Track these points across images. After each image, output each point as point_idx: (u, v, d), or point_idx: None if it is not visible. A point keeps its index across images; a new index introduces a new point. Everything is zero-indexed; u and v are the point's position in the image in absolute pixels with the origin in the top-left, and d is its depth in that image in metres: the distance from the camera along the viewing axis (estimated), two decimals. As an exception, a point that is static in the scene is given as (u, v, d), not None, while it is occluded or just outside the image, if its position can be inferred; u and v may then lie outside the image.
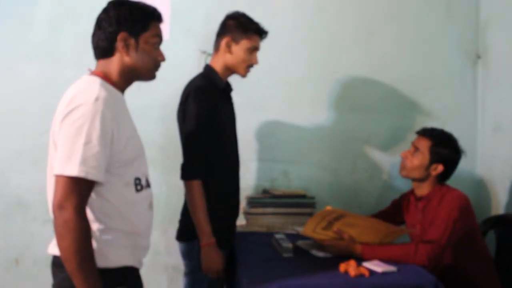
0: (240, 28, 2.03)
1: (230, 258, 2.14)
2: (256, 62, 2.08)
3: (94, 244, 1.35)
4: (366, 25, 2.73)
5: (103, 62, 1.50)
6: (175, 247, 2.22)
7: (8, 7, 2.61)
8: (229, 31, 2.05)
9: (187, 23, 2.66)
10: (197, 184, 1.93)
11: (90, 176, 1.30)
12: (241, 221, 2.50)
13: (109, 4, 1.50)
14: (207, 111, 1.95)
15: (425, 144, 2.10)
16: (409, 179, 2.17)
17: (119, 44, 1.46)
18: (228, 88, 2.18)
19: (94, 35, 1.51)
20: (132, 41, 1.47)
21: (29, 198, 2.60)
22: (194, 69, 2.35)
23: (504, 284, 2.13)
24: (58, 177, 1.30)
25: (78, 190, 1.29)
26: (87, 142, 1.30)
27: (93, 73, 1.49)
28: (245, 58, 2.04)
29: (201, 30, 2.63)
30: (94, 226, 1.38)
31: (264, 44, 2.20)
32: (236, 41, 2.03)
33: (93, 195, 1.36)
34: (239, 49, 2.03)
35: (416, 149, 2.12)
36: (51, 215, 1.39)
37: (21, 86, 2.62)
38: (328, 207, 1.92)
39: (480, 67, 2.76)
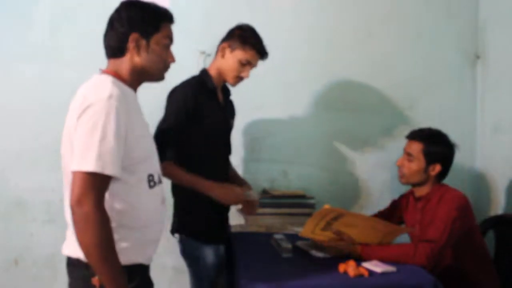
0: (240, 38, 2.08)
1: (229, 258, 2.15)
2: (246, 76, 2.12)
3: None
4: (366, 26, 2.73)
5: (114, 61, 1.51)
6: (174, 247, 2.23)
7: (8, 7, 2.61)
8: (230, 38, 2.10)
9: (186, 23, 2.64)
10: (169, 164, 1.97)
11: (107, 171, 1.32)
12: (240, 221, 2.50)
13: (121, 4, 1.52)
14: (183, 104, 2.02)
15: (417, 148, 2.10)
16: (411, 185, 2.17)
17: (131, 45, 1.47)
18: (225, 92, 2.24)
19: (106, 35, 1.52)
20: (143, 42, 1.48)
21: (28, 198, 2.60)
22: (193, 69, 2.35)
23: (503, 283, 2.13)
24: (75, 173, 1.31)
25: (96, 184, 1.31)
26: (102, 138, 1.32)
27: (104, 71, 1.50)
28: (234, 67, 2.09)
29: (200, 30, 2.63)
30: None
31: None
32: (231, 48, 2.09)
33: (108, 193, 1.37)
34: (231, 57, 2.08)
35: (409, 154, 2.11)
36: (67, 213, 1.40)
37: (21, 86, 2.62)
38: (326, 206, 1.91)
39: (479, 67, 2.76)
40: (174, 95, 2.06)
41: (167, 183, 2.46)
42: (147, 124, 1.57)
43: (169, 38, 1.55)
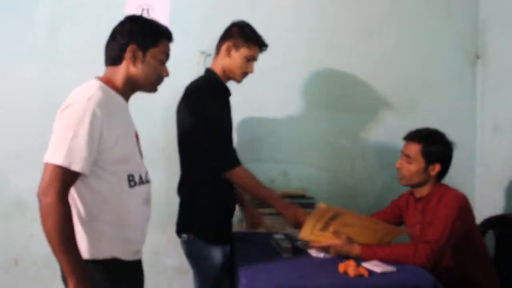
0: (243, 36, 2.11)
1: (230, 258, 2.15)
2: (251, 71, 2.15)
3: (84, 235, 1.48)
4: (366, 26, 2.74)
5: (110, 69, 1.61)
6: (174, 247, 2.23)
7: (8, 7, 2.61)
8: (232, 37, 2.12)
9: (186, 24, 2.66)
10: (242, 169, 2.05)
11: (73, 167, 1.41)
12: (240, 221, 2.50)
13: (126, 18, 1.64)
14: (217, 108, 2.05)
15: (415, 149, 2.09)
16: (410, 186, 2.16)
17: (128, 55, 1.57)
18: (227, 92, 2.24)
19: (108, 45, 1.61)
20: (139, 54, 1.58)
21: (28, 198, 2.60)
22: (193, 70, 2.36)
23: (503, 283, 2.13)
24: (46, 164, 1.43)
25: (62, 178, 1.40)
26: (74, 136, 1.41)
27: (98, 78, 1.59)
28: (241, 65, 2.12)
29: (200, 31, 2.63)
30: (84, 217, 1.49)
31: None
32: (236, 47, 2.11)
33: (86, 188, 1.48)
34: (238, 55, 2.11)
35: (408, 156, 2.11)
36: None
37: (21, 86, 2.62)
38: (322, 205, 1.90)
39: (479, 67, 2.76)
40: (202, 99, 2.04)
41: (166, 184, 2.46)
42: (132, 128, 1.63)
43: (166, 54, 1.65)
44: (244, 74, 2.15)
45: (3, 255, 2.63)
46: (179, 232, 2.13)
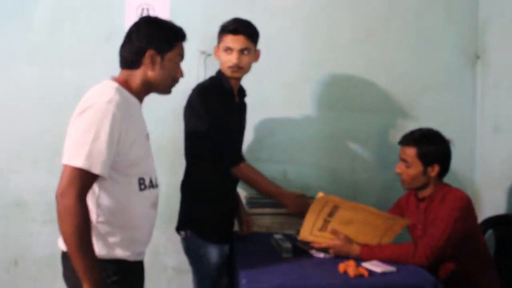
0: (218, 35, 2.14)
1: (229, 257, 2.15)
2: (234, 60, 2.07)
3: (92, 235, 1.46)
4: (365, 25, 2.73)
5: (126, 71, 1.62)
6: (174, 247, 2.23)
7: (8, 7, 2.61)
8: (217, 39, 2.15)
9: (186, 23, 2.63)
10: (244, 166, 2.11)
11: (93, 170, 1.41)
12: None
13: (141, 19, 1.66)
14: (217, 107, 2.06)
15: (411, 153, 2.07)
16: (414, 189, 2.14)
17: (146, 60, 1.59)
18: (241, 93, 2.26)
19: (123, 46, 1.62)
20: (158, 59, 1.60)
21: (28, 198, 2.60)
22: (193, 69, 2.35)
23: (503, 283, 2.13)
24: (65, 166, 1.42)
25: (81, 180, 1.40)
26: (95, 139, 1.41)
27: (114, 79, 1.60)
28: (224, 59, 2.11)
29: (200, 30, 2.63)
30: (94, 218, 1.49)
31: (263, 44, 2.21)
32: (218, 46, 2.13)
33: (97, 189, 1.49)
34: (220, 52, 2.12)
35: (405, 161, 2.09)
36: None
37: (21, 86, 2.62)
38: (320, 194, 1.89)
39: (479, 68, 2.76)
40: (204, 99, 2.07)
41: (166, 184, 2.46)
42: (145, 132, 1.64)
43: (181, 56, 1.68)
44: (231, 68, 2.09)
45: (3, 255, 2.63)
46: (178, 228, 2.14)
